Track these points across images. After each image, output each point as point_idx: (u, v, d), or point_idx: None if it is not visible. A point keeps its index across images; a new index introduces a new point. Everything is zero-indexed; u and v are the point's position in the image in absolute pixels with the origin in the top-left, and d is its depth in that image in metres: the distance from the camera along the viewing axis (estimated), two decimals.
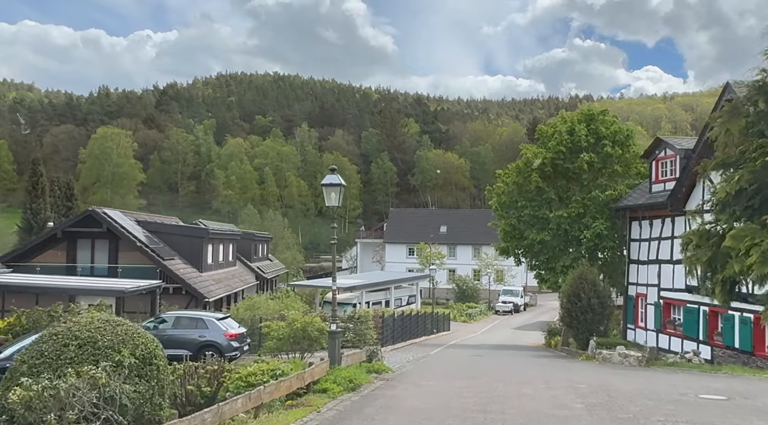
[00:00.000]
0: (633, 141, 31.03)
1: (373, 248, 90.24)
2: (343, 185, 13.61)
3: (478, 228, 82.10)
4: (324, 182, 13.68)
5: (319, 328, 14.55)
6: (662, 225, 25.94)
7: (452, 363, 19.16)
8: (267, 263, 56.21)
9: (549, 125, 31.83)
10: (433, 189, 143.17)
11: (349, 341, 24.23)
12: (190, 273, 33.09)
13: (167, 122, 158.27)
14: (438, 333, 40.16)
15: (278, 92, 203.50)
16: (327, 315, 25.23)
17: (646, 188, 28.32)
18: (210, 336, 19.33)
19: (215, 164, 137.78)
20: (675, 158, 25.49)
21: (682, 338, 24.23)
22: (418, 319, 34.83)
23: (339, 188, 13.43)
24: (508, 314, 65.36)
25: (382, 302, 41.49)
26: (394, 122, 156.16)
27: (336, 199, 13.44)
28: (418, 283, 47.11)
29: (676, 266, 24.73)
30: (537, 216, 30.45)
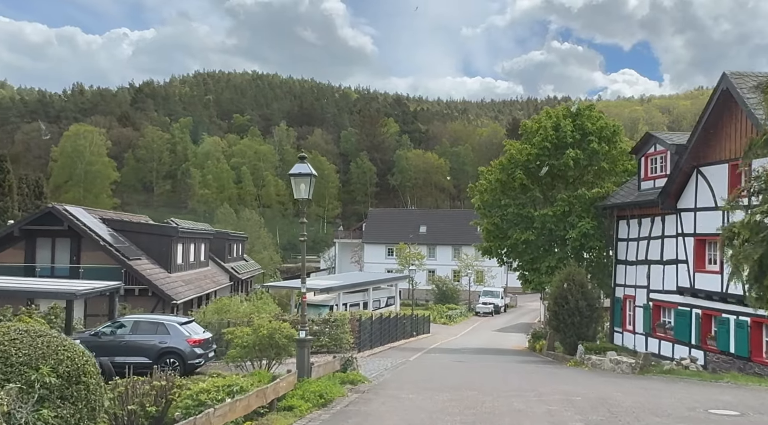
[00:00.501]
0: (620, 137, 29.97)
1: (351, 249, 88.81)
2: (314, 174, 12.18)
3: (458, 229, 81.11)
4: (292, 171, 12.24)
5: (288, 335, 13.13)
6: (651, 224, 24.87)
7: (434, 371, 17.83)
8: (242, 264, 54.58)
9: (534, 120, 30.67)
10: (412, 189, 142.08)
11: (324, 346, 22.85)
12: (157, 274, 31.46)
13: (143, 120, 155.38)
14: (418, 336, 38.85)
15: (256, 91, 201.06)
16: None
17: (634, 186, 27.26)
18: (171, 342, 17.79)
19: (191, 163, 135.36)
20: (666, 154, 24.43)
21: (672, 342, 23.16)
22: (397, 321, 33.50)
23: (309, 178, 11.99)
24: (489, 315, 64.31)
25: (359, 304, 40.08)
26: (373, 122, 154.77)
27: (306, 190, 12.01)
28: (397, 284, 45.80)
29: (666, 266, 23.70)
30: (521, 215, 29.27)
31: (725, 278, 20.33)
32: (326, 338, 22.82)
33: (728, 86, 19.74)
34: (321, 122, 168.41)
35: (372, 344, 26.18)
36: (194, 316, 22.86)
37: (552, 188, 29.72)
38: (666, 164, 24.37)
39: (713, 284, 20.84)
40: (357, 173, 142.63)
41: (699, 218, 21.72)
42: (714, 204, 20.85)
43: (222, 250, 48.74)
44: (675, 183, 22.60)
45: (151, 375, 10.45)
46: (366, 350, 24.77)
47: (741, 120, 19.74)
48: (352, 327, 24.07)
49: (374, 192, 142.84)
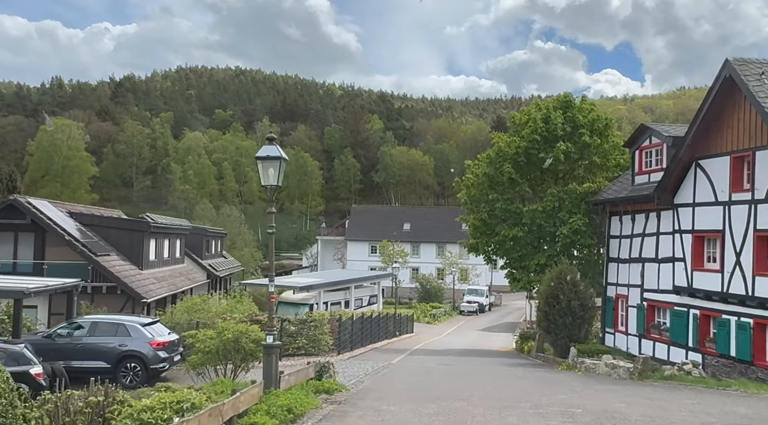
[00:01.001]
0: (612, 131, 28.83)
1: (334, 246, 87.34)
2: (284, 158, 10.78)
3: (442, 226, 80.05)
4: (259, 154, 10.79)
5: (256, 339, 11.75)
6: (646, 220, 23.73)
7: (418, 377, 16.53)
8: (221, 261, 52.98)
9: (523, 112, 29.44)
10: (396, 187, 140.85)
11: (301, 348, 21.50)
12: (128, 271, 29.87)
13: (122, 115, 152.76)
14: (401, 336, 37.58)
15: (239, 86, 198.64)
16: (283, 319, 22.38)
17: (627, 181, 26.14)
18: (132, 345, 16.35)
19: (172, 159, 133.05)
20: (662, 147, 23.29)
21: (668, 344, 22.02)
22: (379, 321, 32.18)
23: (278, 162, 10.58)
24: (473, 314, 63.23)
25: (341, 302, 38.69)
26: (357, 118, 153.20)
27: (275, 176, 10.60)
28: (380, 282, 44.53)
29: (662, 265, 22.57)
30: (509, 210, 28.05)
31: (726, 276, 19.30)
32: (303, 339, 21.45)
33: (731, 73, 18.59)
34: (304, 117, 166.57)
35: (353, 345, 24.84)
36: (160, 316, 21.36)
37: (542, 182, 28.54)
38: (662, 158, 23.25)
39: (713, 284, 19.72)
40: (341, 169, 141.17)
41: (698, 213, 20.60)
42: (714, 199, 19.75)
43: (199, 246, 47.15)
44: (672, 177, 21.44)
45: (112, 381, 9.02)
46: (346, 352, 23.44)
47: (744, 109, 18.61)
48: (332, 327, 22.73)
49: (358, 189, 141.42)
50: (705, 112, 19.98)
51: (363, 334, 27.70)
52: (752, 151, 18.28)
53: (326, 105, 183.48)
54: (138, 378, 16.11)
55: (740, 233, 18.56)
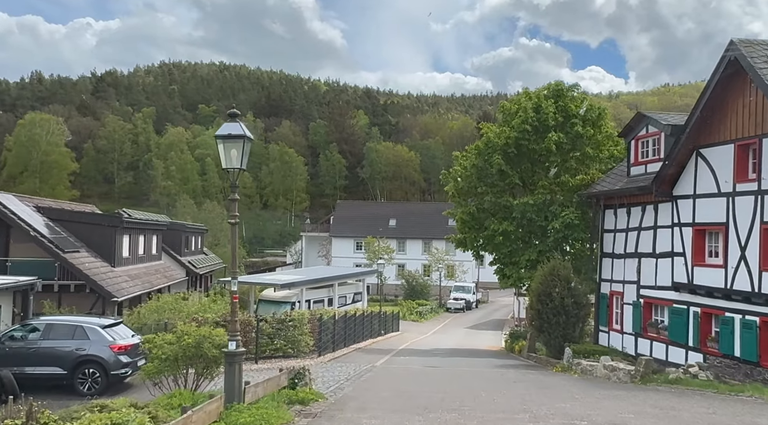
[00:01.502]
0: (605, 121, 27.69)
1: (319, 243, 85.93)
2: (248, 137, 9.42)
3: (428, 222, 78.90)
4: (219, 132, 9.38)
5: (221, 344, 10.42)
6: (642, 213, 22.60)
7: (403, 382, 15.26)
8: (201, 258, 51.46)
9: (513, 101, 28.22)
10: (382, 182, 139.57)
11: (279, 349, 20.17)
12: (98, 268, 28.37)
13: (104, 110, 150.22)
14: (386, 335, 36.33)
15: (223, 82, 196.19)
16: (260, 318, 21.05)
17: (622, 172, 25.01)
18: (91, 349, 14.94)
19: (154, 154, 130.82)
20: (659, 136, 22.17)
21: (666, 343, 20.92)
22: (363, 320, 30.89)
23: (242, 141, 9.25)
24: (460, 311, 62.15)
25: (324, 300, 37.37)
26: (342, 114, 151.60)
27: (238, 158, 9.27)
28: (365, 279, 43.21)
29: (659, 260, 21.46)
30: (499, 204, 26.87)
31: (729, 272, 18.21)
32: (281, 340, 20.12)
33: (736, 56, 17.44)
34: (289, 113, 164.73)
35: (335, 346, 23.53)
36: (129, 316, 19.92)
37: (532, 174, 27.35)
38: (659, 147, 22.12)
39: (715, 280, 18.61)
40: (326, 165, 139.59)
41: (699, 205, 19.48)
42: (717, 190, 18.63)
43: (178, 243, 45.64)
44: (671, 167, 20.31)
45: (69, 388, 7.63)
46: (327, 353, 22.13)
47: (750, 94, 17.49)
48: (312, 327, 21.40)
49: (343, 185, 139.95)
50: (707, 97, 18.84)
51: (346, 334, 26.41)
52: (758, 138, 17.16)
53: (311, 101, 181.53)
54: (97, 385, 14.72)
55: (745, 226, 17.45)
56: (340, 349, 24.22)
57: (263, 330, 19.70)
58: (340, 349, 24.25)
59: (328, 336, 23.14)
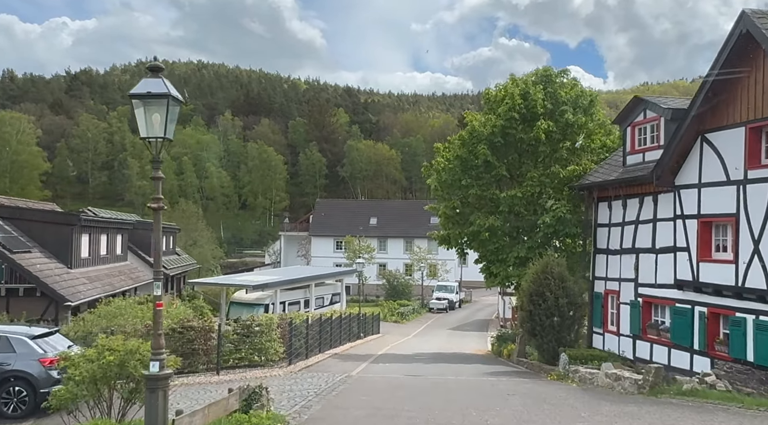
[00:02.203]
0: (596, 109, 25.98)
1: (298, 242, 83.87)
2: (174, 96, 7.40)
3: (410, 220, 77.20)
4: (135, 90, 7.26)
5: None
6: (640, 206, 20.88)
7: (381, 396, 13.34)
8: (173, 258, 49.17)
9: (499, 87, 26.40)
10: (363, 181, 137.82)
11: (245, 358, 18.16)
12: (52, 270, 26.12)
13: (78, 109, 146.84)
14: (366, 338, 34.42)
15: (200, 80, 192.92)
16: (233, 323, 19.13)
17: (616, 162, 23.30)
18: (17, 364, 12.84)
19: (129, 153, 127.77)
20: (658, 122, 20.45)
21: (668, 346, 19.20)
22: (341, 322, 28.93)
23: (165, 102, 7.19)
24: (443, 312, 60.40)
25: (300, 302, 35.38)
26: (322, 112, 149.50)
27: (161, 124, 7.25)
28: (344, 279, 41.25)
29: (660, 256, 19.75)
30: (484, 197, 25.05)
31: (741, 268, 16.52)
32: (247, 348, 18.11)
33: (749, 28, 15.73)
34: (268, 111, 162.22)
35: (308, 352, 21.55)
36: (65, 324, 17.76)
37: (520, 166, 25.56)
38: (659, 134, 20.41)
39: (724, 277, 16.90)
40: (306, 164, 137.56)
41: (704, 195, 17.76)
42: (725, 178, 16.92)
43: (147, 243, 43.41)
44: (673, 155, 18.58)
45: None
46: (299, 361, 20.16)
47: (764, 70, 15.80)
48: (283, 332, 19.41)
49: (324, 184, 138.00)
50: (715, 76, 17.12)
51: (321, 338, 24.43)
52: None
53: (291, 99, 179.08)
54: (24, 405, 12.66)
55: (759, 217, 15.75)
56: (314, 355, 22.25)
57: (227, 337, 17.69)
58: (315, 355, 22.27)
59: (301, 341, 21.17)
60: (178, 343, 16.57)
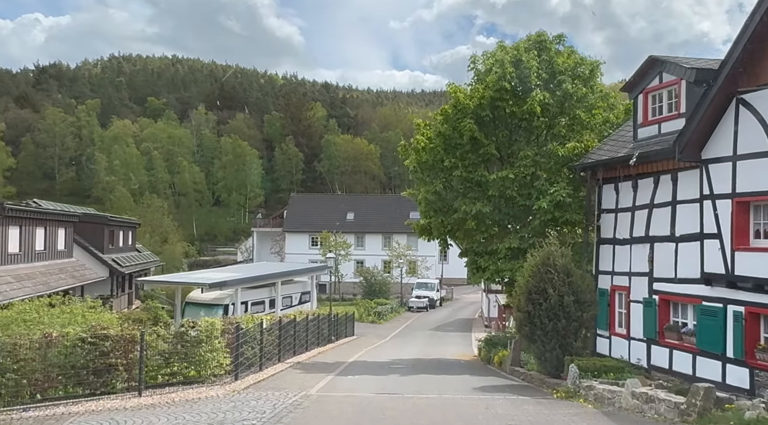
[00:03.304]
0: (597, 79, 22.74)
1: (272, 238, 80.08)
2: None
3: (388, 215, 73.89)
4: None
5: None
6: (655, 186, 17.69)
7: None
8: (131, 255, 45.35)
9: (486, 54, 23.00)
10: (341, 177, 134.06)
11: (178, 374, 14.61)
12: None
13: (45, 102, 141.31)
14: (338, 342, 30.99)
15: (174, 74, 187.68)
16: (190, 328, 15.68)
17: (624, 137, 20.12)
18: None
19: (97, 148, 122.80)
20: (678, 85, 17.24)
21: (693, 353, 16.01)
22: (307, 325, 25.42)
23: None
24: (423, 310, 57.15)
25: (265, 302, 31.90)
26: (299, 106, 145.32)
27: None
28: (314, 276, 37.63)
29: (681, 245, 16.56)
30: (471, 180, 21.70)
31: None
32: (182, 361, 14.58)
33: None
34: (243, 106, 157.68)
35: (263, 362, 18.03)
36: None
37: (512, 143, 22.25)
38: (680, 100, 17.20)
39: (767, 268, 13.75)
40: (282, 159, 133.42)
41: (741, 170, 14.56)
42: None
43: (99, 238, 39.65)
44: (700, 123, 15.37)
45: None
46: (249, 374, 16.65)
47: None
48: (229, 340, 15.89)
49: (301, 180, 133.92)
50: (756, 24, 13.90)
51: (282, 344, 20.94)
52: None
53: (267, 93, 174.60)
54: None
55: None
56: (270, 366, 18.74)
57: (154, 347, 14.15)
58: (271, 366, 18.76)
59: (254, 350, 17.66)
60: (89, 357, 13.02)
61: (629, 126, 20.67)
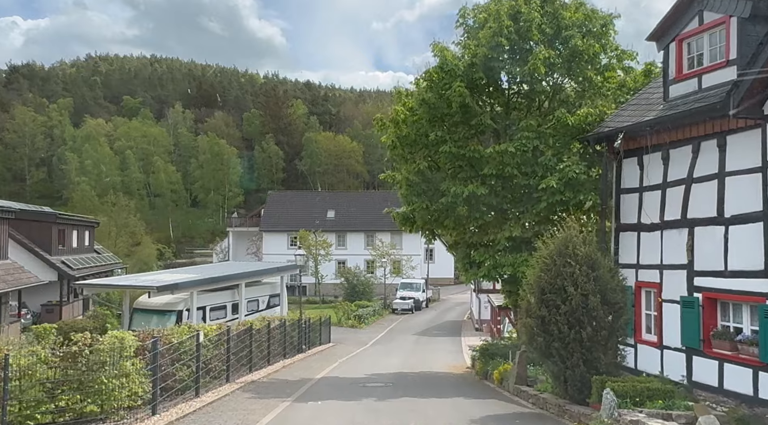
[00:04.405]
0: (611, 36, 18.99)
1: (249, 238, 75.96)
2: None
3: (371, 213, 70.04)
4: None
5: None
6: (695, 155, 13.97)
7: None
8: (88, 257, 41.17)
9: (478, 7, 19.14)
10: (323, 175, 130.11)
11: (68, 409, 10.66)
12: None
13: (15, 102, 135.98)
14: (309, 351, 27.13)
15: (151, 73, 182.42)
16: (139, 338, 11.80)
17: (650, 99, 16.41)
18: None
19: (68, 147, 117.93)
20: (727, 24, 13.51)
21: (754, 367, 12.31)
22: (270, 333, 21.46)
23: None
24: (408, 312, 53.39)
25: (227, 306, 27.94)
26: (279, 103, 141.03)
27: None
28: (284, 277, 33.49)
29: (734, 228, 12.88)
30: (462, 156, 17.87)
31: None
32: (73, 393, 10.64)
33: None
34: (222, 104, 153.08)
35: (200, 386, 14.09)
36: None
37: (508, 113, 18.47)
38: (728, 43, 13.47)
39: None
40: (262, 157, 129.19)
41: None
42: None
43: (46, 238, 35.53)
44: (764, 68, 11.71)
45: None
46: (180, 403, 12.70)
47: None
48: (147, 359, 11.97)
49: (281, 179, 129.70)
50: None
51: (234, 359, 17.05)
52: None
53: (246, 91, 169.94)
54: None
55: None
56: (214, 388, 14.83)
57: (31, 375, 10.21)
58: (215, 388, 14.84)
59: (188, 370, 13.75)
60: None
61: (654, 88, 17.02)
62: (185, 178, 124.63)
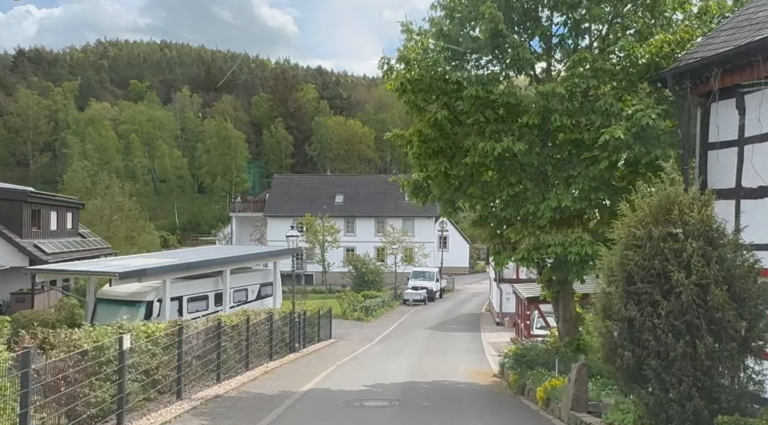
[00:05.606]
0: None
1: (252, 224, 72.02)
2: None
3: (382, 197, 65.95)
4: None
5: None
6: None
7: None
8: (70, 241, 37.42)
9: None
10: (333, 161, 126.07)
11: None
12: None
13: (20, 85, 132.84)
14: (303, 350, 23.02)
15: (160, 57, 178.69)
16: None
17: (750, 19, 12.02)
18: None
19: (71, 131, 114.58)
20: None
21: None
22: (249, 331, 17.28)
23: None
24: (420, 304, 49.21)
25: (208, 297, 23.87)
26: (289, 86, 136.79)
27: None
28: (277, 263, 29.10)
29: None
30: (492, 102, 13.53)
31: None
32: None
33: None
34: (231, 88, 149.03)
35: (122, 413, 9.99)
36: None
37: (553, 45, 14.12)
38: None
39: None
40: (271, 142, 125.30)
41: None
42: None
43: (16, 218, 31.82)
44: None
45: None
46: None
47: None
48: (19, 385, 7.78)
49: (290, 164, 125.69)
50: None
51: (188, 369, 12.95)
52: None
53: (255, 76, 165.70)
54: None
55: None
56: (152, 411, 10.73)
57: None
58: (151, 413, 10.74)
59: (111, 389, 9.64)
60: None
61: (757, 6, 12.63)
62: (191, 163, 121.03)
